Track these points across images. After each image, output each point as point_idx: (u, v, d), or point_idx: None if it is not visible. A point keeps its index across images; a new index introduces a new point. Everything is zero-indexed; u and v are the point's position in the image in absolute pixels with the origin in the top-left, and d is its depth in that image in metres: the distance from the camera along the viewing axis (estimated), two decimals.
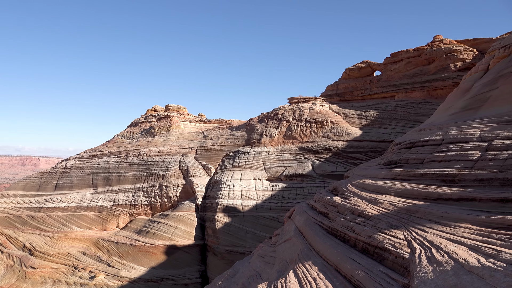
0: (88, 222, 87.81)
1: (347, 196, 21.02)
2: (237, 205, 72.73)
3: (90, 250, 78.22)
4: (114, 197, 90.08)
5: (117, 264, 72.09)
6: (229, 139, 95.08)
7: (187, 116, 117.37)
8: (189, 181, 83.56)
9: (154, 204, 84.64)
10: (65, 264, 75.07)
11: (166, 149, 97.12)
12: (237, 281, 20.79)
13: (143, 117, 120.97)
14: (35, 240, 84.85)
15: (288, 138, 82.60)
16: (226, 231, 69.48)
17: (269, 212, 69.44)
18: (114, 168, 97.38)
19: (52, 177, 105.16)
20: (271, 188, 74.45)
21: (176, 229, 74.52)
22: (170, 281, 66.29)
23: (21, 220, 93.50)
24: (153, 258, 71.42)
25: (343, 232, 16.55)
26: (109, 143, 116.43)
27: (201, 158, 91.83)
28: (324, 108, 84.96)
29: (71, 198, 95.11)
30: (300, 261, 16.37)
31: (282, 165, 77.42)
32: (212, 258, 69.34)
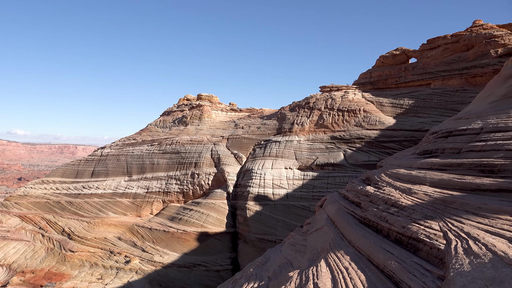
0: (123, 208, 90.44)
1: (380, 185, 20.70)
2: (268, 193, 73.00)
3: (125, 235, 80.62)
4: (148, 185, 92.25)
5: (151, 250, 74.05)
6: (260, 128, 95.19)
7: (218, 105, 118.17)
8: (221, 170, 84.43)
9: (187, 191, 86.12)
10: (102, 249, 77.77)
11: (198, 138, 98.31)
12: (268, 269, 20.94)
13: (176, 106, 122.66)
14: (74, 225, 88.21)
15: (319, 127, 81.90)
16: (257, 219, 69.98)
17: (300, 201, 69.38)
18: (148, 156, 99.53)
19: (89, 165, 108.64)
20: (302, 177, 74.25)
21: (208, 217, 75.66)
22: (202, 267, 67.57)
23: (60, 205, 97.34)
24: (186, 245, 72.89)
25: (375, 222, 16.34)
26: (143, 131, 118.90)
27: (233, 147, 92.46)
28: (357, 96, 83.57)
29: (107, 185, 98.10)
30: (332, 250, 16.31)
31: (313, 154, 76.97)
32: (243, 245, 70.10)
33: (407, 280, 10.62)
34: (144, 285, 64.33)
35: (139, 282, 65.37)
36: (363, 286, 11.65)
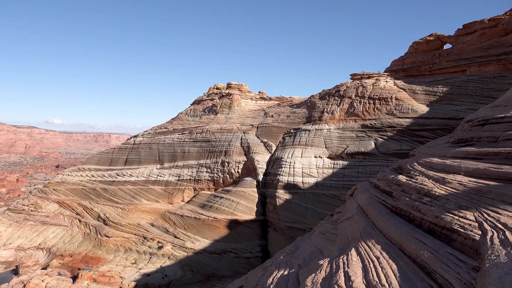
0: (156, 195, 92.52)
1: (412, 175, 20.37)
2: (298, 182, 72.95)
3: (158, 222, 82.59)
4: (179, 173, 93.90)
5: (182, 236, 75.63)
6: (290, 116, 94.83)
7: (248, 93, 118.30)
8: (250, 158, 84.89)
9: (217, 179, 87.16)
10: (136, 234, 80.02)
11: (228, 126, 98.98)
12: (298, 256, 21.08)
13: (206, 95, 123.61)
14: (108, 211, 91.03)
15: (350, 115, 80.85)
16: (286, 207, 70.18)
17: (330, 190, 69.02)
18: (179, 144, 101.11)
19: (122, 153, 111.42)
20: (332, 166, 73.73)
21: (238, 205, 76.44)
22: (232, 254, 68.55)
23: (95, 192, 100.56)
24: (216, 232, 74.03)
25: (407, 212, 16.14)
26: (174, 120, 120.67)
27: (262, 135, 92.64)
28: (389, 84, 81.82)
29: (139, 172, 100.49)
30: (363, 239, 16.25)
31: (343, 142, 76.19)
32: (272, 233, 70.56)
33: (440, 271, 10.49)
34: (176, 270, 65.92)
35: (171, 267, 67.05)
36: (395, 275, 11.59)
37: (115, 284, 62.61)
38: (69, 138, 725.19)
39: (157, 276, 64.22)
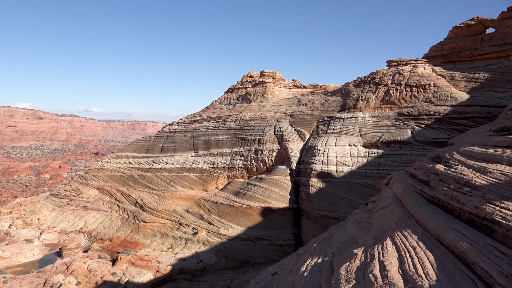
0: (191, 182, 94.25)
1: (451, 164, 19.83)
2: (331, 170, 72.40)
3: (193, 208, 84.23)
4: (213, 160, 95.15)
5: (217, 223, 76.88)
6: (324, 104, 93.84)
7: (281, 81, 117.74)
8: (284, 146, 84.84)
9: (250, 167, 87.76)
10: (171, 220, 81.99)
11: (261, 115, 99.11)
12: (332, 245, 21.05)
13: (239, 83, 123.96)
14: (145, 197, 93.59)
15: (385, 103, 79.13)
16: (320, 196, 69.91)
17: (364, 179, 68.13)
18: (213, 132, 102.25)
19: (158, 141, 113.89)
20: (366, 155, 72.66)
21: (271, 192, 76.78)
22: (266, 241, 69.15)
23: (133, 179, 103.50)
24: (250, 219, 74.78)
25: (446, 202, 15.76)
26: (208, 108, 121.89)
27: (296, 124, 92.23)
28: (427, 70, 79.33)
29: (175, 160, 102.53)
30: (398, 229, 16.02)
31: (378, 131, 74.79)
32: (306, 221, 70.59)
33: (480, 262, 10.24)
34: (211, 256, 67.22)
35: (206, 253, 68.41)
36: (432, 266, 11.40)
37: (152, 268, 64.56)
38: (108, 126, 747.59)
39: (192, 261, 65.70)
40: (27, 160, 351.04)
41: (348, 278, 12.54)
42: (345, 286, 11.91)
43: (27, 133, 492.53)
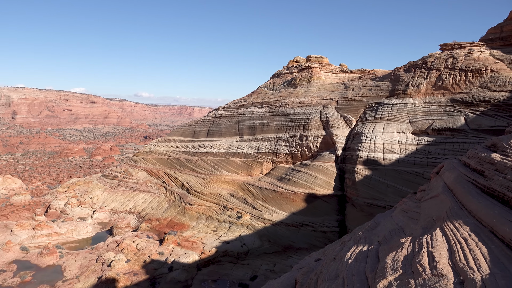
0: (235, 167, 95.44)
1: (508, 153, 18.77)
2: (378, 158, 70.79)
3: (237, 192, 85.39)
4: (258, 145, 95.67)
5: (260, 207, 77.58)
6: (372, 90, 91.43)
7: (328, 66, 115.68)
8: (329, 132, 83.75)
9: (295, 153, 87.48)
10: (216, 203, 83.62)
11: (307, 100, 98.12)
12: (378, 233, 20.66)
13: (285, 68, 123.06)
14: (191, 180, 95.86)
15: (437, 88, 75.89)
16: (366, 183, 68.68)
17: (413, 167, 66.10)
18: (258, 118, 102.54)
19: (204, 125, 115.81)
20: (416, 142, 70.33)
21: (316, 179, 76.30)
22: (309, 227, 69.06)
23: (180, 162, 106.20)
24: (293, 205, 74.85)
25: (501, 193, 14.99)
26: (253, 94, 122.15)
27: (342, 109, 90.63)
28: (484, 54, 75.10)
29: (220, 144, 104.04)
30: (449, 219, 15.45)
31: (429, 117, 72.02)
32: (350, 209, 69.70)
33: None
34: (254, 240, 68.09)
35: (249, 237, 69.38)
36: (485, 259, 10.92)
37: (197, 249, 66.35)
38: (156, 111, 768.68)
39: (236, 244, 66.86)
40: (81, 142, 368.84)
41: (395, 267, 12.28)
42: (391, 275, 11.68)
43: (81, 116, 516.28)
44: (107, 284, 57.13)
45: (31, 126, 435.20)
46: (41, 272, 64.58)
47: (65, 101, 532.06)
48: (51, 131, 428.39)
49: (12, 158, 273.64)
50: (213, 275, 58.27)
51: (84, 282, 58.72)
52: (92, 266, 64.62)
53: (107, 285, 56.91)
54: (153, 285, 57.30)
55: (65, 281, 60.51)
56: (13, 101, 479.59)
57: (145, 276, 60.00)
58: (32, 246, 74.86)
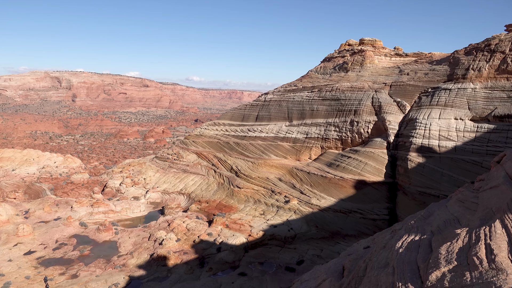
0: (284, 151, 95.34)
1: None
2: (433, 145, 67.99)
3: (285, 177, 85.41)
4: (307, 130, 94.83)
5: (308, 192, 77.21)
6: (428, 74, 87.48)
7: (382, 49, 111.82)
8: (381, 118, 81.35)
9: (345, 139, 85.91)
10: (264, 187, 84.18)
11: (359, 85, 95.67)
12: (431, 223, 19.89)
13: (337, 52, 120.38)
14: (240, 164, 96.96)
15: (501, 72, 71.27)
16: (419, 171, 66.34)
17: (471, 156, 62.92)
18: (308, 102, 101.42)
19: (254, 109, 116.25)
20: (474, 130, 66.76)
21: (366, 165, 74.68)
22: (358, 215, 67.96)
23: (229, 146, 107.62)
24: (342, 191, 73.84)
25: None
26: (304, 78, 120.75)
27: (395, 94, 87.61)
28: None
29: (269, 129, 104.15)
30: (510, 211, 14.55)
31: (491, 103, 67.97)
32: (402, 197, 67.71)
33: None
34: (302, 225, 68.05)
35: (297, 221, 69.42)
36: None
37: (245, 231, 67.34)
38: (206, 94, 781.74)
39: (283, 228, 67.16)
40: (135, 124, 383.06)
41: (449, 258, 11.76)
42: (445, 266, 11.20)
43: (135, 99, 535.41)
44: (159, 261, 59.51)
45: (89, 109, 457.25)
46: (98, 247, 68.35)
47: (120, 84, 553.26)
48: (108, 113, 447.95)
49: (72, 139, 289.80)
50: (260, 257, 59.02)
51: (138, 258, 61.48)
52: (144, 244, 67.47)
53: (159, 262, 59.28)
54: (201, 264, 59.00)
55: (120, 256, 63.67)
56: (73, 85, 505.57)
57: (194, 255, 61.86)
58: (90, 222, 79.24)
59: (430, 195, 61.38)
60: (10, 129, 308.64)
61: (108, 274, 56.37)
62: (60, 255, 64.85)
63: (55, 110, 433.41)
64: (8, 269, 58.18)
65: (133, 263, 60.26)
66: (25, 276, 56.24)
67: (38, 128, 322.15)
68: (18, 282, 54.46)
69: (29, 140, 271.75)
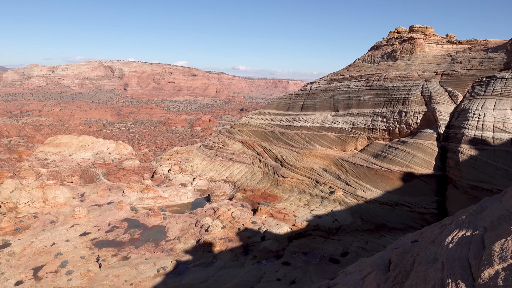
0: (329, 142, 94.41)
1: None
2: (487, 137, 64.97)
3: (330, 167, 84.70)
4: (353, 120, 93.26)
5: (354, 184, 76.24)
6: (483, 62, 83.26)
7: (433, 37, 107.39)
8: (431, 108, 78.56)
9: (392, 129, 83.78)
10: (309, 177, 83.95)
11: (408, 74, 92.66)
12: (484, 218, 19.24)
13: (385, 40, 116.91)
14: (285, 153, 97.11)
15: None
16: (471, 164, 63.73)
17: None
18: (354, 92, 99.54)
19: (299, 99, 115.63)
20: None
21: (414, 157, 72.64)
22: (405, 208, 66.38)
23: (274, 135, 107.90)
24: (389, 183, 72.31)
25: None
26: (350, 67, 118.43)
27: (447, 84, 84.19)
28: None
29: (314, 119, 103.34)
30: None
31: None
32: (452, 191, 65.35)
33: None
34: (346, 216, 67.45)
35: (341, 213, 68.86)
36: None
37: (289, 221, 67.68)
38: (252, 84, 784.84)
39: (328, 219, 66.88)
40: (183, 113, 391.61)
41: (503, 256, 11.46)
42: (499, 264, 10.93)
43: (183, 88, 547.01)
44: (205, 247, 61.19)
45: (139, 97, 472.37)
46: (147, 231, 71.19)
47: (169, 74, 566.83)
48: (157, 102, 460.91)
49: (124, 126, 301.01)
50: (304, 247, 59.24)
51: (184, 244, 63.49)
52: (191, 230, 69.48)
53: (205, 248, 60.96)
54: (246, 252, 60.06)
55: (168, 241, 66.00)
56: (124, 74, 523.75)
57: (239, 243, 63.04)
58: (140, 207, 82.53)
59: (482, 189, 58.90)
60: (67, 116, 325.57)
61: (157, 258, 58.72)
62: (112, 237, 68.17)
63: (108, 98, 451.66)
64: (66, 248, 61.93)
65: (180, 248, 62.33)
66: (80, 256, 59.69)
67: (92, 116, 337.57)
68: (74, 261, 57.91)
69: (84, 127, 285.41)
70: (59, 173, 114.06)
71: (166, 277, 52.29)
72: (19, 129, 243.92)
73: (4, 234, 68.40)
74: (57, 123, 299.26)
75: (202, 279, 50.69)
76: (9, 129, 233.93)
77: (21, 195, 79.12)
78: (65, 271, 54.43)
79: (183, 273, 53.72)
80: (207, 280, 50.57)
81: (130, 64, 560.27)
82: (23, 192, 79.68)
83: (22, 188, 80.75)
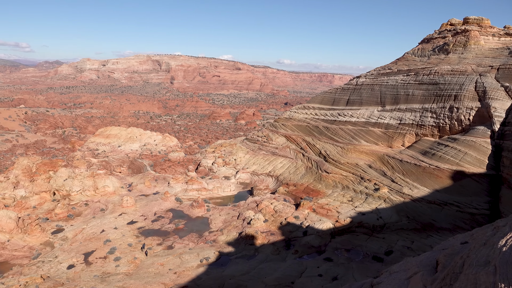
0: (375, 137, 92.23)
1: None
2: None
3: (375, 164, 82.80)
4: (401, 116, 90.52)
5: (400, 181, 74.15)
6: None
7: (489, 29, 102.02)
8: (486, 104, 74.83)
9: (443, 126, 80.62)
10: (353, 174, 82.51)
11: (461, 68, 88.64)
12: None
13: (437, 32, 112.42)
14: (329, 148, 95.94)
15: None
16: None
17: None
18: (403, 86, 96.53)
19: (344, 93, 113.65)
20: None
21: (466, 155, 69.60)
22: (454, 207, 63.79)
23: (318, 130, 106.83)
24: (437, 181, 69.75)
25: None
26: (399, 61, 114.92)
27: (503, 79, 79.81)
28: None
29: (360, 113, 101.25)
30: None
31: None
32: (506, 191, 62.05)
33: None
34: (392, 214, 65.76)
35: (386, 210, 67.20)
36: None
37: (332, 217, 66.95)
38: (297, 78, 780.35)
39: (372, 216, 65.53)
40: (227, 106, 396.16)
41: None
42: None
43: (228, 82, 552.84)
44: (247, 239, 61.77)
45: (185, 90, 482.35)
46: (191, 222, 72.83)
47: (214, 67, 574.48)
48: (202, 95, 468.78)
49: (170, 119, 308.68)
50: (347, 244, 58.43)
51: (227, 236, 64.41)
52: (234, 222, 70.33)
53: (247, 241, 61.54)
54: (287, 246, 60.06)
55: (211, 232, 67.22)
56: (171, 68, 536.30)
57: (280, 237, 63.15)
58: (184, 198, 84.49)
59: None
60: (117, 109, 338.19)
61: (200, 248, 59.99)
62: (158, 226, 70.34)
63: (155, 91, 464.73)
64: (114, 236, 64.62)
65: (222, 240, 63.31)
66: (128, 243, 62.07)
67: (140, 108, 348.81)
68: (122, 248, 60.33)
69: (133, 119, 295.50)
70: (109, 163, 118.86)
71: (208, 268, 53.35)
72: (72, 120, 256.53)
73: (58, 220, 72.36)
74: (107, 115, 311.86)
75: (244, 271, 51.25)
76: (63, 120, 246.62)
77: (73, 184, 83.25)
78: (113, 257, 56.89)
79: (225, 265, 54.60)
80: (248, 272, 51.07)
81: (176, 58, 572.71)
82: (75, 181, 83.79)
83: (74, 177, 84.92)
